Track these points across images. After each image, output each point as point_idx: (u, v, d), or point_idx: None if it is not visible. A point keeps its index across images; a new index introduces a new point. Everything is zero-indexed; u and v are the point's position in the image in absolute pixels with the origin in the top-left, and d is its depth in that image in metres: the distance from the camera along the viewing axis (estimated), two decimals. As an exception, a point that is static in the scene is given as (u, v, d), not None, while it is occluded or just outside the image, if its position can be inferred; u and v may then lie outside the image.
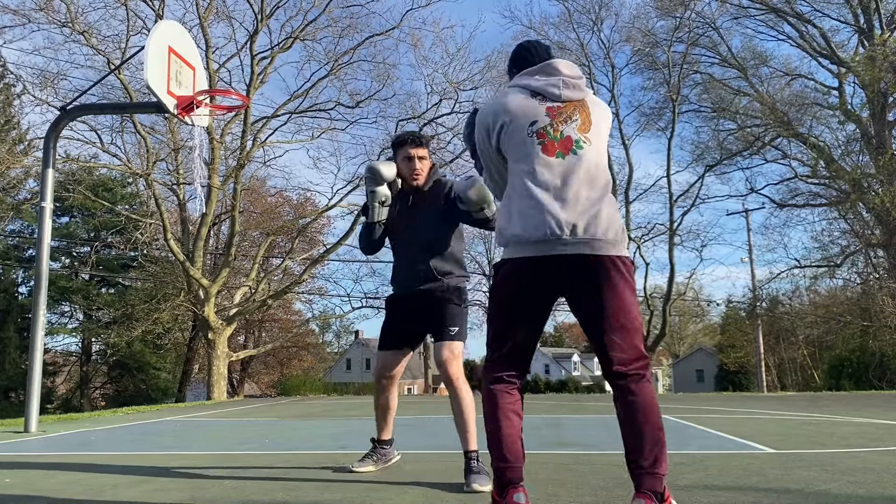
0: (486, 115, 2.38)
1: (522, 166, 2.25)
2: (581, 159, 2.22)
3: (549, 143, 2.24)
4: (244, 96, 11.29)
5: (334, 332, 47.44)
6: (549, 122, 2.25)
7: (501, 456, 2.16)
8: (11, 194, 23.52)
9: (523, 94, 2.32)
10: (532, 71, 2.36)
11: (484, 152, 2.42)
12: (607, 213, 2.18)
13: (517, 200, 2.23)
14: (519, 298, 2.22)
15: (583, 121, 2.28)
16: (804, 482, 2.95)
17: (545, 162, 2.22)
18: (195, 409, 11.18)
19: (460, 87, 18.82)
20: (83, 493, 2.97)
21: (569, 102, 2.30)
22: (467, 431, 3.13)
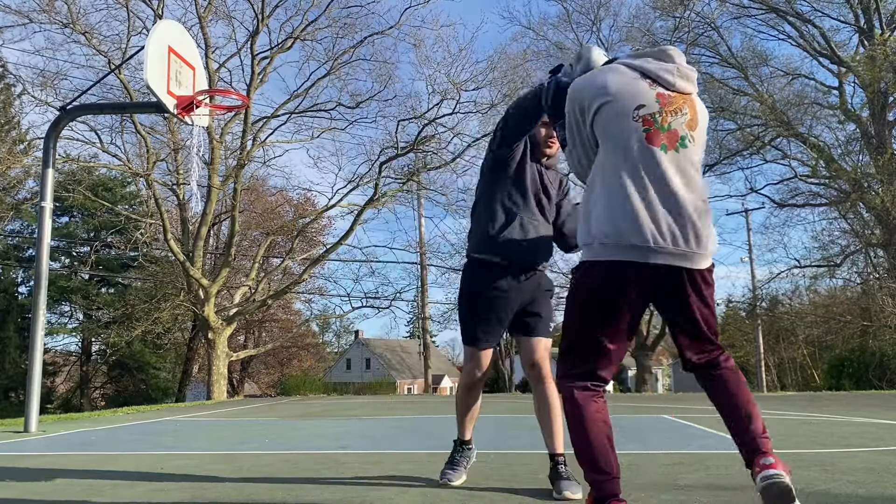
0: (582, 90, 2.13)
1: (620, 155, 2.02)
2: (684, 158, 2.03)
3: (654, 132, 2.02)
4: (244, 96, 11.29)
5: (334, 331, 47.50)
6: (659, 110, 2.04)
7: (597, 468, 2.01)
8: (11, 194, 23.52)
9: (632, 73, 2.09)
10: (642, 53, 2.16)
11: (573, 129, 2.18)
12: (707, 221, 2.03)
13: (612, 195, 2.01)
14: (611, 304, 2.02)
15: (691, 117, 2.09)
16: (804, 482, 2.95)
17: (649, 153, 2.00)
18: (195, 409, 11.18)
19: (462, 87, 18.81)
20: (83, 493, 2.97)
21: (680, 94, 2.09)
22: (558, 432, 2.84)
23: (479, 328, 2.87)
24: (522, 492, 2.82)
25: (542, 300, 2.91)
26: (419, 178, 20.44)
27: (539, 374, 2.88)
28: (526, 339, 2.88)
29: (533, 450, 4.31)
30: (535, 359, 2.86)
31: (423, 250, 26.28)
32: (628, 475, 3.18)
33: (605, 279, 2.02)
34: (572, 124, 2.18)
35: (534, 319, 2.88)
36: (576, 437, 2.06)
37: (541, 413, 2.91)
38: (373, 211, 19.90)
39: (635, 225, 1.95)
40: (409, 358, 47.69)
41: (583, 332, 2.09)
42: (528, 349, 2.87)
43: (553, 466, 2.79)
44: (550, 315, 2.95)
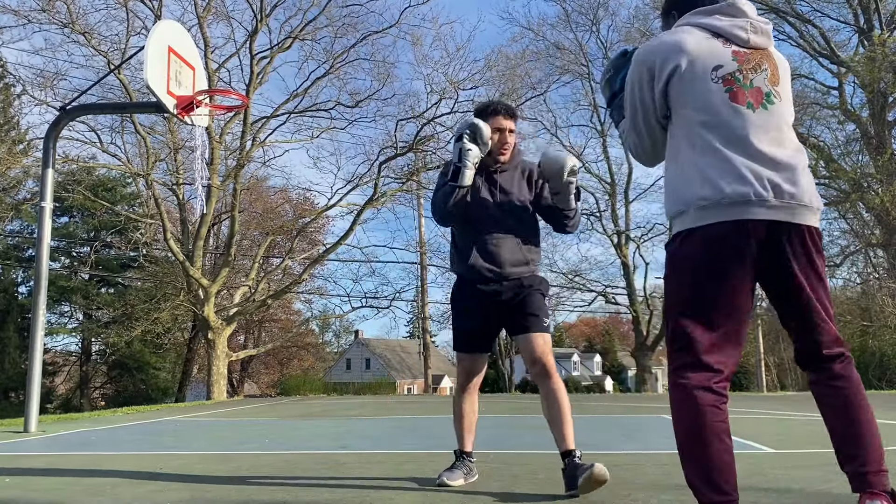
0: (650, 55, 1.98)
1: (703, 116, 1.88)
2: (773, 115, 1.90)
3: (738, 90, 1.89)
4: (244, 96, 11.29)
5: (334, 331, 47.50)
6: (738, 68, 1.90)
7: (717, 487, 1.73)
8: (11, 194, 23.52)
9: (702, 34, 1.95)
10: (710, 10, 2.00)
11: (637, 99, 2.02)
12: (808, 178, 1.87)
13: (699, 156, 1.87)
14: (718, 274, 1.81)
15: (772, 72, 1.94)
16: (804, 482, 2.95)
17: (735, 112, 1.87)
18: (195, 409, 11.18)
19: (460, 86, 18.81)
20: (83, 493, 2.97)
21: (756, 49, 1.95)
22: (568, 429, 2.79)
23: (459, 334, 3.05)
24: (522, 492, 2.82)
25: (532, 299, 2.92)
26: (419, 178, 20.44)
27: (543, 370, 2.85)
28: (523, 336, 2.89)
29: (533, 450, 4.31)
30: (535, 355, 2.84)
31: (423, 250, 26.30)
32: (628, 475, 3.18)
33: (707, 245, 1.82)
34: (636, 93, 2.02)
35: (527, 318, 2.89)
36: (692, 450, 1.77)
37: (549, 410, 2.86)
38: (372, 211, 19.92)
39: (734, 182, 1.81)
40: (409, 358, 47.70)
41: (690, 313, 1.84)
42: (526, 346, 2.88)
43: (568, 463, 2.72)
44: (545, 312, 2.94)
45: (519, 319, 2.91)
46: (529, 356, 2.87)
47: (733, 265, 1.81)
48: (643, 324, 25.75)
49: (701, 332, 1.81)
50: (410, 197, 22.94)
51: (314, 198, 26.11)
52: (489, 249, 2.93)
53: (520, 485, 2.95)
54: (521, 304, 2.92)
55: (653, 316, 26.50)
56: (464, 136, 2.86)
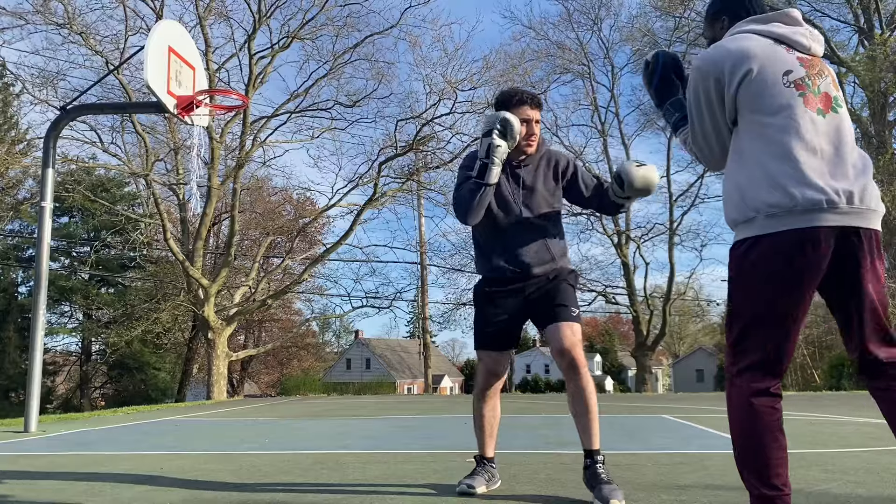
0: (719, 62, 1.95)
1: (775, 121, 1.87)
2: (841, 120, 1.90)
3: (809, 96, 1.88)
4: (244, 96, 11.29)
5: (334, 331, 47.53)
6: (806, 74, 1.91)
7: (770, 484, 1.82)
8: (11, 194, 23.53)
9: (766, 40, 1.94)
10: (767, 18, 2.00)
11: (704, 108, 1.99)
12: (873, 183, 1.89)
13: (770, 162, 1.85)
14: (790, 283, 1.82)
15: (832, 78, 1.96)
16: (804, 482, 2.95)
17: (809, 118, 1.86)
18: (195, 409, 11.18)
19: (458, 87, 18.80)
20: (83, 493, 2.97)
21: (815, 56, 1.97)
22: (594, 426, 2.69)
23: (484, 333, 2.89)
24: (523, 492, 2.82)
25: (560, 289, 2.80)
26: (419, 178, 20.44)
27: (571, 362, 2.68)
28: (551, 326, 2.74)
29: (533, 450, 4.31)
30: (563, 345, 2.67)
31: (424, 250, 26.30)
32: (629, 475, 3.18)
33: (777, 253, 1.82)
34: (701, 98, 1.99)
35: (555, 308, 2.76)
36: (745, 444, 1.87)
37: (575, 405, 2.73)
38: (373, 210, 19.93)
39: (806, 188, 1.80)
40: (409, 358, 47.70)
41: (752, 324, 1.87)
42: (554, 337, 2.71)
43: (590, 465, 2.65)
44: (574, 302, 2.81)
45: (546, 310, 2.78)
46: (557, 347, 2.69)
47: (802, 273, 1.82)
48: (643, 324, 25.75)
49: (765, 339, 1.86)
50: (411, 197, 22.95)
51: (315, 198, 26.06)
52: (514, 250, 2.81)
53: (520, 485, 2.95)
54: (548, 295, 2.80)
55: (653, 316, 26.51)
56: (493, 132, 2.69)
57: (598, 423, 2.72)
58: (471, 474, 2.88)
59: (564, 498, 2.70)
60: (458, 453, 4.10)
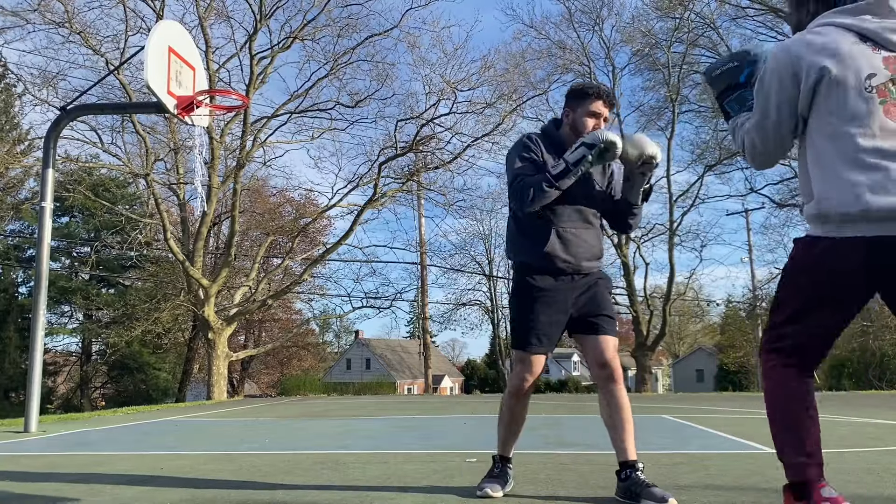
0: (798, 56, 1.86)
1: (853, 128, 1.79)
2: None
3: (891, 103, 1.78)
4: (244, 96, 11.30)
5: (334, 331, 47.47)
6: (890, 77, 1.79)
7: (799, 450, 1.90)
8: (11, 194, 23.53)
9: (851, 36, 1.83)
10: (857, 8, 1.86)
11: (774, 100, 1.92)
12: None
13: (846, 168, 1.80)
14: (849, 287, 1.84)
15: None
16: (804, 482, 2.94)
17: (888, 127, 1.77)
18: (195, 409, 11.18)
19: (457, 87, 18.80)
20: (83, 493, 2.97)
21: None
22: (630, 438, 2.67)
23: (529, 332, 2.75)
24: (523, 492, 2.82)
25: (603, 300, 2.78)
26: (419, 178, 20.44)
27: (610, 374, 2.70)
28: (594, 337, 2.72)
29: (533, 450, 4.31)
30: (605, 358, 2.69)
31: (424, 250, 26.30)
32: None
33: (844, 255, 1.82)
34: (773, 89, 1.92)
35: (600, 319, 2.74)
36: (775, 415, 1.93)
37: (612, 417, 2.70)
38: (373, 211, 19.92)
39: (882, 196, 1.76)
40: (410, 358, 47.69)
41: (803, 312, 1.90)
42: (596, 349, 2.71)
43: (628, 476, 2.60)
44: (615, 314, 2.83)
45: (591, 319, 2.74)
46: (598, 359, 2.71)
47: (864, 278, 1.83)
48: (643, 324, 25.72)
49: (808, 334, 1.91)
50: (411, 197, 22.95)
51: (315, 198, 26.04)
52: (568, 239, 2.73)
53: (520, 485, 2.95)
54: (592, 303, 2.75)
55: (653, 316, 26.50)
56: (596, 148, 2.61)
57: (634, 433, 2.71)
58: (491, 478, 2.81)
59: (564, 498, 2.70)
60: (458, 453, 4.10)
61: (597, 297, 2.76)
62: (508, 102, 19.70)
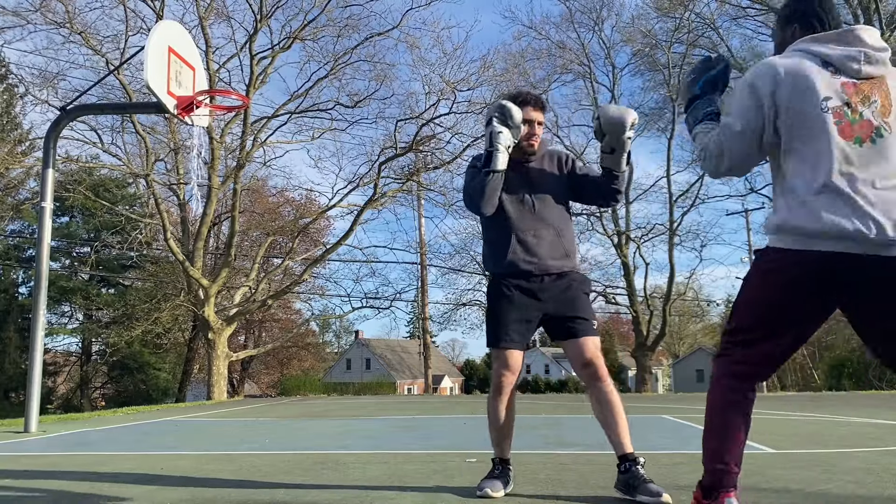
0: (762, 80, 2.00)
1: (808, 148, 1.93)
2: (882, 150, 1.90)
3: (845, 125, 1.91)
4: (244, 96, 11.30)
5: (334, 332, 47.51)
6: (846, 101, 1.92)
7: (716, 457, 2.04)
8: (12, 194, 23.53)
9: (813, 63, 1.96)
10: (826, 37, 2.00)
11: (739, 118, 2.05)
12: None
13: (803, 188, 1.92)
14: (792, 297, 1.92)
15: (882, 103, 1.93)
16: (804, 482, 2.95)
17: (842, 147, 1.89)
18: (195, 409, 11.18)
19: (457, 87, 18.79)
20: (83, 493, 2.97)
21: (868, 80, 1.95)
22: (624, 431, 2.73)
23: (499, 328, 2.84)
24: (522, 492, 2.82)
25: (577, 302, 2.83)
26: (419, 178, 20.44)
27: (595, 373, 2.76)
28: (573, 341, 2.79)
29: (533, 450, 4.31)
30: (586, 358, 2.76)
31: (424, 250, 26.30)
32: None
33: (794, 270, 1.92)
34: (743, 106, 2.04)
35: (576, 322, 2.80)
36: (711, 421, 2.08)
37: (603, 413, 2.77)
38: (373, 211, 19.92)
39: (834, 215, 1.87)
40: (410, 358, 47.70)
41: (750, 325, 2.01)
42: (577, 351, 2.79)
43: (627, 469, 2.66)
44: (592, 314, 2.87)
45: (567, 323, 2.81)
46: (580, 360, 2.78)
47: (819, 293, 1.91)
48: (643, 324, 25.71)
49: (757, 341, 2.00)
50: (410, 197, 22.94)
51: (316, 198, 26.04)
52: (528, 242, 2.83)
53: (520, 485, 2.95)
54: (568, 306, 2.82)
55: (653, 316, 26.48)
56: (493, 119, 2.76)
57: (628, 427, 2.76)
58: (491, 478, 2.83)
59: (564, 498, 2.70)
60: (458, 453, 4.10)
61: (572, 299, 2.83)
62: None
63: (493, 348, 2.86)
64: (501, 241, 2.87)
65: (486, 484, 2.76)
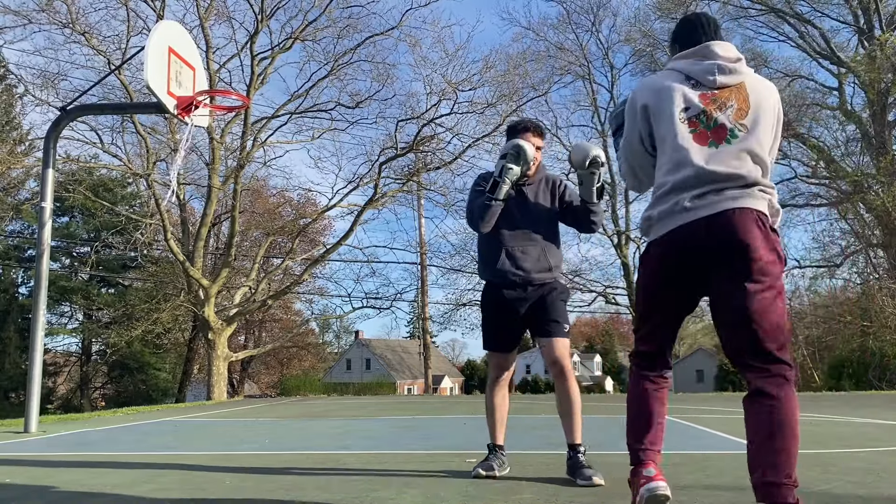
0: (638, 95, 2.31)
1: (671, 154, 2.19)
2: (734, 147, 2.13)
3: (701, 132, 2.17)
4: (244, 96, 11.30)
5: (334, 332, 47.47)
6: (703, 110, 2.18)
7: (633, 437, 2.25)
8: (12, 194, 23.54)
9: (676, 78, 2.25)
10: (687, 54, 2.29)
11: (627, 132, 2.36)
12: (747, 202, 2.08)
13: (668, 182, 2.18)
14: (657, 282, 2.22)
15: (739, 107, 2.19)
16: (804, 482, 2.95)
17: (696, 150, 2.14)
18: (195, 409, 11.19)
19: (458, 87, 18.79)
20: (83, 493, 2.98)
21: (724, 88, 2.21)
22: (577, 425, 3.13)
23: (489, 333, 3.31)
24: (523, 492, 2.82)
25: (555, 306, 3.19)
26: (419, 178, 20.44)
27: (560, 371, 3.14)
28: (546, 339, 3.17)
29: (533, 450, 4.31)
30: (554, 356, 3.13)
31: (424, 250, 26.28)
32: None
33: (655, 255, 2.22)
34: (628, 121, 2.34)
35: (549, 324, 3.16)
36: (630, 409, 2.30)
37: (562, 407, 3.17)
38: (373, 211, 19.92)
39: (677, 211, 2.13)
40: (410, 358, 47.69)
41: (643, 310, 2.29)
42: (548, 349, 3.16)
43: (573, 456, 3.07)
44: (566, 319, 3.22)
45: (542, 324, 3.19)
46: (550, 358, 3.16)
47: (677, 272, 2.17)
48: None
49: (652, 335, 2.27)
50: (411, 197, 22.94)
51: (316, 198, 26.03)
52: (516, 256, 3.20)
53: (520, 485, 2.95)
54: (544, 310, 3.18)
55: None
56: (508, 155, 3.13)
57: (581, 422, 3.15)
58: (484, 460, 3.22)
59: (564, 498, 2.70)
60: (458, 454, 4.11)
61: (548, 305, 3.20)
62: (509, 104, 19.71)
63: (488, 351, 3.34)
64: (493, 253, 3.26)
65: (480, 465, 3.18)
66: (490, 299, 3.29)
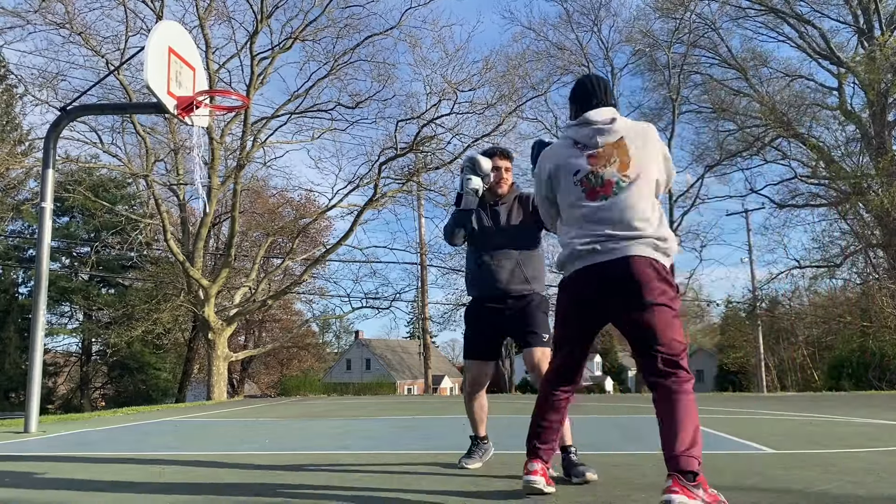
0: (544, 160, 2.74)
1: (569, 208, 2.62)
2: (620, 199, 2.52)
3: (592, 189, 2.55)
4: (244, 96, 11.30)
5: (334, 332, 47.48)
6: (591, 170, 2.57)
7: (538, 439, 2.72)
8: (12, 195, 23.53)
9: (569, 144, 2.65)
10: (573, 123, 2.69)
11: (537, 192, 2.83)
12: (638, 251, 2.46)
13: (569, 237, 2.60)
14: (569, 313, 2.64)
15: (621, 160, 2.55)
16: (804, 482, 2.95)
17: (588, 206, 2.55)
18: (195, 409, 11.19)
19: (458, 87, 18.78)
20: (83, 493, 2.98)
21: (607, 145, 2.58)
22: (567, 429, 3.26)
23: (468, 343, 3.58)
24: (524, 492, 2.82)
25: (534, 317, 3.40)
26: (419, 179, 20.43)
27: (538, 377, 3.26)
28: (526, 348, 3.38)
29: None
30: (532, 363, 3.33)
31: (424, 251, 26.29)
32: (628, 475, 3.19)
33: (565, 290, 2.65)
34: (535, 180, 2.81)
35: (528, 335, 3.38)
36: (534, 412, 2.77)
37: None
38: (373, 211, 19.90)
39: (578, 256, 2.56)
40: (410, 358, 47.69)
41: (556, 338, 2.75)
42: (528, 357, 3.36)
43: (566, 457, 3.21)
44: (545, 329, 3.39)
45: (522, 334, 3.41)
46: (528, 365, 3.37)
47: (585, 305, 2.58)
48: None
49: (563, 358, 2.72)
50: (411, 198, 22.93)
51: (315, 198, 26.03)
52: (493, 270, 3.43)
53: (520, 485, 2.95)
54: (524, 321, 3.39)
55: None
56: (465, 168, 3.45)
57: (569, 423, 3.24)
58: (467, 453, 3.58)
59: (565, 498, 2.71)
60: (457, 454, 4.10)
61: (529, 315, 3.41)
62: (508, 104, 19.71)
63: (466, 360, 3.59)
64: (473, 269, 3.53)
65: (464, 460, 3.53)
66: (473, 312, 3.55)
